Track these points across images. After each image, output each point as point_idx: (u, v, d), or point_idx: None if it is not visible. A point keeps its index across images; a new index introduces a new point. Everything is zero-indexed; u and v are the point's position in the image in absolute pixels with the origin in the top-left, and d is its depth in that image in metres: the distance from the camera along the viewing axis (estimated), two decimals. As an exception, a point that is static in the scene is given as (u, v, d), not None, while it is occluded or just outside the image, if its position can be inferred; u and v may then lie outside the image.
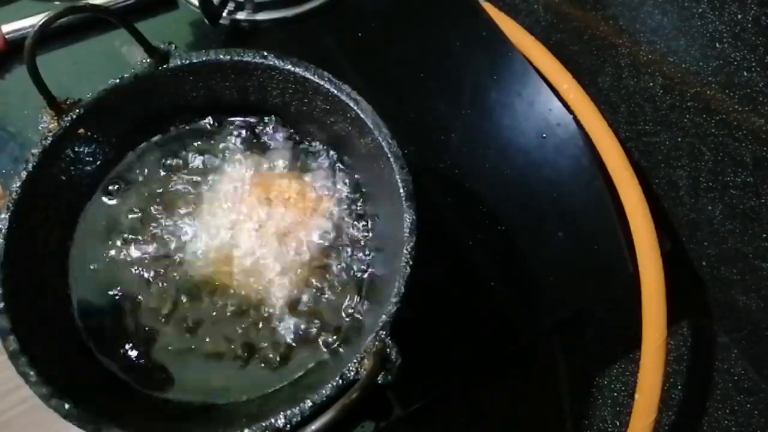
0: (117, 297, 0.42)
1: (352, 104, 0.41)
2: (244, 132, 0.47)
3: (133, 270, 0.42)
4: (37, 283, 0.39)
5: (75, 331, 0.40)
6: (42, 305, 0.39)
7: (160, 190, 0.45)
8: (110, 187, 0.45)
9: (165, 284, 0.42)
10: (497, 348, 0.47)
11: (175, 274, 0.42)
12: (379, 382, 0.33)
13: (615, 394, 0.59)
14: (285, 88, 0.44)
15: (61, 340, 0.39)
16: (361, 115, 0.41)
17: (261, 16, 0.58)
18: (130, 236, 0.43)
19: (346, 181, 0.45)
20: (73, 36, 0.55)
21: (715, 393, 0.58)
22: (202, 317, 0.42)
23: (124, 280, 0.42)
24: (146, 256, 0.43)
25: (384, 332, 0.35)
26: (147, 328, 0.41)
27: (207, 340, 0.41)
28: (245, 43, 0.58)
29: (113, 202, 0.44)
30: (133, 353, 0.40)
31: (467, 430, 0.53)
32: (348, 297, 0.42)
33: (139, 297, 0.42)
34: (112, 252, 0.43)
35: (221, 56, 0.43)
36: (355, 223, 0.44)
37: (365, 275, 0.43)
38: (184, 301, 0.42)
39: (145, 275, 0.42)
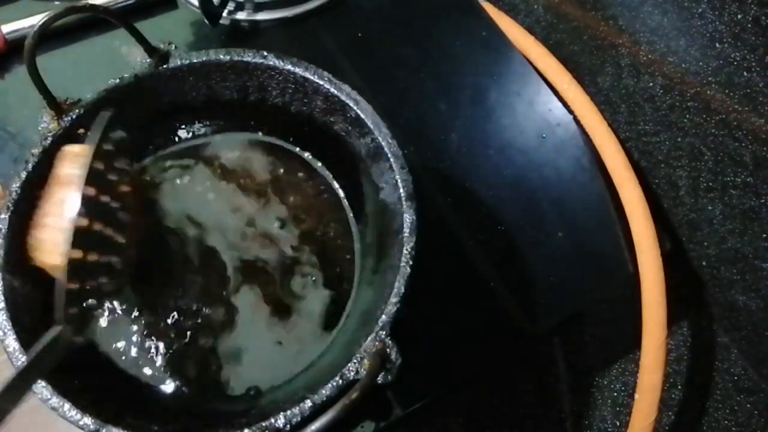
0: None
1: (352, 104, 0.41)
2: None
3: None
4: (37, 282, 0.39)
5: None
6: (42, 305, 0.39)
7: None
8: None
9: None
10: (497, 348, 0.47)
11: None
12: (379, 382, 0.33)
13: (615, 394, 0.59)
14: (285, 88, 0.44)
15: (61, 340, 0.39)
16: (361, 115, 0.41)
17: (261, 16, 0.58)
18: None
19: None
20: (73, 36, 0.55)
21: (715, 393, 0.58)
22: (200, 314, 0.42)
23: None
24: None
25: (384, 332, 0.35)
26: (147, 327, 0.41)
27: (207, 338, 0.41)
28: (245, 43, 0.58)
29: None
30: (134, 353, 0.40)
31: (467, 430, 0.53)
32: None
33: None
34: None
35: (221, 56, 0.43)
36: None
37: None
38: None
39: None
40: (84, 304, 0.36)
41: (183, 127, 0.47)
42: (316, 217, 0.46)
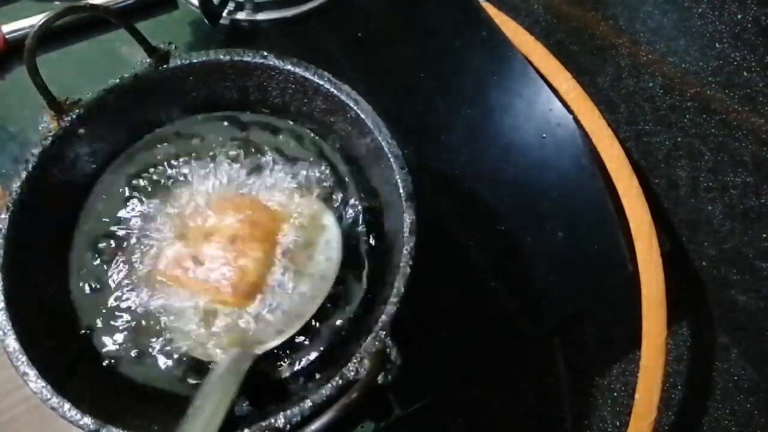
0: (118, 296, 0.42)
1: (352, 104, 0.41)
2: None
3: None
4: (37, 282, 0.39)
5: (75, 330, 0.40)
6: (42, 305, 0.39)
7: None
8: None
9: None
10: (497, 348, 0.47)
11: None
12: (379, 382, 0.33)
13: (615, 394, 0.59)
14: (285, 88, 0.44)
15: (62, 340, 0.39)
16: (361, 115, 0.41)
17: (261, 16, 0.58)
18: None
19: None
20: (73, 36, 0.55)
21: (715, 393, 0.58)
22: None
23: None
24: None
25: (384, 332, 0.35)
26: (148, 327, 0.41)
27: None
28: (245, 43, 0.58)
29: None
30: (135, 352, 0.40)
31: (467, 430, 0.53)
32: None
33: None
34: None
35: (221, 56, 0.43)
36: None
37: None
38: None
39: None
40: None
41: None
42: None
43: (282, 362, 0.40)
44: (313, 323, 0.41)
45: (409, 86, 0.56)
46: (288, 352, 0.40)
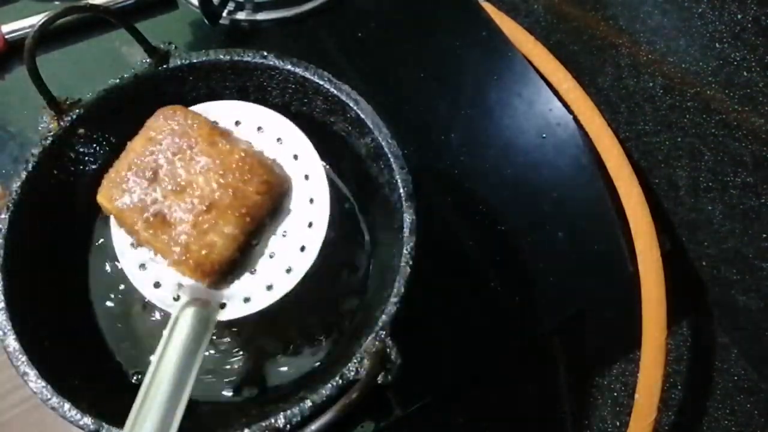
0: (118, 296, 0.42)
1: (352, 104, 0.41)
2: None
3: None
4: (37, 282, 0.39)
5: (75, 330, 0.40)
6: (42, 305, 0.39)
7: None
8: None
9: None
10: (497, 348, 0.47)
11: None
12: (379, 382, 0.33)
13: (615, 394, 0.59)
14: (285, 88, 0.44)
15: (62, 340, 0.39)
16: (361, 115, 0.41)
17: (261, 16, 0.58)
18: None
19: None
20: (73, 36, 0.56)
21: (715, 393, 0.58)
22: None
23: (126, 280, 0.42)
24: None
25: (384, 332, 0.35)
26: (150, 327, 0.41)
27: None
28: (245, 43, 0.58)
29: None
30: (135, 352, 0.40)
31: (467, 430, 0.53)
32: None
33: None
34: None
35: (221, 56, 0.43)
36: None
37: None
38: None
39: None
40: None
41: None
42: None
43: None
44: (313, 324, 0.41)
45: (409, 86, 0.57)
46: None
